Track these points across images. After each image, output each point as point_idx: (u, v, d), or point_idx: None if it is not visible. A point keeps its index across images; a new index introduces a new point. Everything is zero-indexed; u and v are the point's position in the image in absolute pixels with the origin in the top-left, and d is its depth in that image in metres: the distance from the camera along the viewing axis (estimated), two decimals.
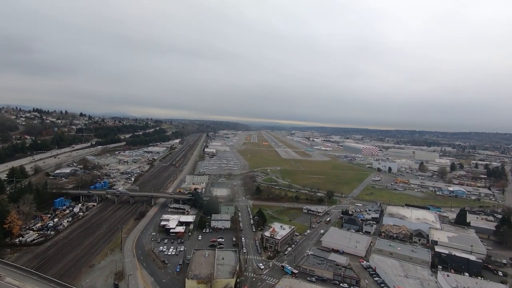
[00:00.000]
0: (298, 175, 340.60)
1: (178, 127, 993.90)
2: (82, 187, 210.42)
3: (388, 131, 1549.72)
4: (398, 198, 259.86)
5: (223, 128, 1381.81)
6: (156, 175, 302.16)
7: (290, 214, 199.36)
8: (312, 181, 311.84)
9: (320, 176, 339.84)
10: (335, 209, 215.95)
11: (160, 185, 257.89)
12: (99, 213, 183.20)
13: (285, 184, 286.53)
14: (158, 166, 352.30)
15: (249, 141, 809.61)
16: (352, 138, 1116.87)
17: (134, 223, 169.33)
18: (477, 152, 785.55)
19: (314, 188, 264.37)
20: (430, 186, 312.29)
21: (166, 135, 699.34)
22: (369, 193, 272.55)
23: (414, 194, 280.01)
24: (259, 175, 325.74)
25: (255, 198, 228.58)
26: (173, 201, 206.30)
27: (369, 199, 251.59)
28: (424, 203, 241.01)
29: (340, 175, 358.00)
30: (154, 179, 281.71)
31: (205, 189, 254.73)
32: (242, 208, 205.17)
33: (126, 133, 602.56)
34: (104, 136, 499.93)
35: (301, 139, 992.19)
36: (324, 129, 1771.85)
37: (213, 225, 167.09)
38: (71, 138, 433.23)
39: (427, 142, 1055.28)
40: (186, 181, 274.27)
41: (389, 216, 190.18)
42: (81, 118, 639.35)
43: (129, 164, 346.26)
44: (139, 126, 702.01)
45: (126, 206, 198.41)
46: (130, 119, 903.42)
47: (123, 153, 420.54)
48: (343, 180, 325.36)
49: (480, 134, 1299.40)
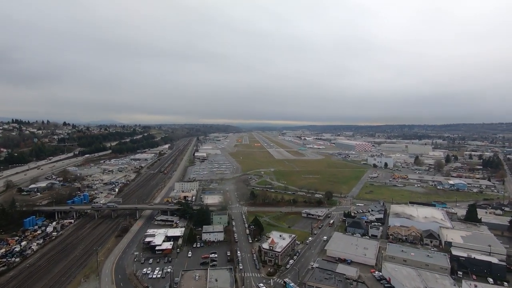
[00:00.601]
0: (293, 176, 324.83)
1: (168, 132, 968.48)
2: (58, 203, 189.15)
3: (377, 126, 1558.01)
4: (399, 195, 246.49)
5: (213, 131, 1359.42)
6: (143, 184, 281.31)
7: (289, 220, 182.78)
8: (308, 181, 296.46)
9: (316, 176, 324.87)
10: (336, 211, 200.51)
11: (147, 195, 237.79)
12: (76, 231, 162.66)
13: (281, 186, 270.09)
14: (146, 174, 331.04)
15: (241, 143, 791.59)
16: (343, 135, 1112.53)
17: (115, 241, 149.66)
18: (467, 143, 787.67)
19: (311, 189, 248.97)
20: (429, 180, 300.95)
21: (154, 141, 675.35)
22: (369, 191, 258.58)
23: (415, 189, 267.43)
24: (252, 178, 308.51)
25: (250, 203, 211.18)
26: (160, 213, 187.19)
27: (370, 198, 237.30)
28: (427, 199, 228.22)
29: (336, 173, 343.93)
30: (141, 189, 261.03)
31: (195, 196, 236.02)
32: (236, 216, 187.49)
33: (113, 141, 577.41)
34: (89, 145, 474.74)
35: (293, 138, 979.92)
36: (315, 128, 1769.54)
37: (205, 238, 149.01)
38: (52, 149, 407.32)
39: (417, 135, 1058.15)
40: (175, 189, 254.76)
41: (395, 216, 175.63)
42: (64, 127, 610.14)
43: (114, 174, 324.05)
44: (127, 133, 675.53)
45: (107, 221, 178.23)
46: (117, 126, 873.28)
47: (108, 162, 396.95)
48: (340, 179, 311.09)
49: (468, 125, 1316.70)
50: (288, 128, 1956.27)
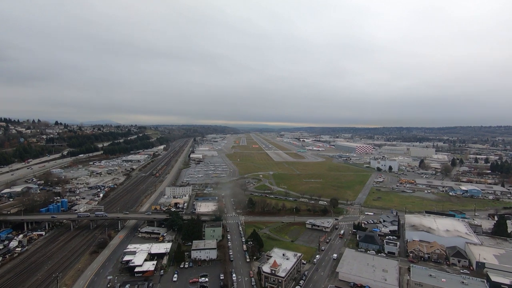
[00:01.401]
0: (293, 180, 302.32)
1: (164, 133, 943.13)
2: (30, 211, 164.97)
3: (375, 128, 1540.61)
4: (410, 202, 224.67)
5: (211, 132, 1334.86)
6: (132, 188, 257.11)
7: (292, 232, 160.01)
8: (310, 186, 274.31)
9: (318, 180, 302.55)
10: (344, 221, 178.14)
11: (134, 201, 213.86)
12: (46, 245, 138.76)
13: (281, 191, 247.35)
14: (136, 177, 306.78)
15: (238, 144, 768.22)
16: (341, 137, 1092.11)
17: (88, 259, 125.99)
18: (467, 146, 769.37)
19: (314, 195, 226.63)
20: (439, 185, 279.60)
21: (150, 142, 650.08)
22: (376, 197, 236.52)
23: (425, 196, 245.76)
24: (250, 182, 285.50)
25: (248, 212, 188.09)
26: (146, 223, 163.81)
27: (379, 205, 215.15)
28: (441, 208, 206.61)
29: (339, 177, 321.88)
30: (128, 194, 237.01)
31: (188, 203, 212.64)
32: (232, 227, 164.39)
33: (106, 141, 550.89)
34: (79, 146, 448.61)
35: (291, 140, 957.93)
36: (313, 129, 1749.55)
37: (194, 256, 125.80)
38: (39, 149, 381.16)
39: (416, 138, 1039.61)
40: (166, 194, 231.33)
41: (412, 229, 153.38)
42: (55, 127, 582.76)
43: (102, 176, 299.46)
44: (121, 133, 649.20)
45: (85, 232, 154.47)
46: (112, 126, 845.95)
47: (98, 164, 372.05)
48: (344, 183, 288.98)
49: (466, 128, 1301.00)
50: (285, 129, 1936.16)
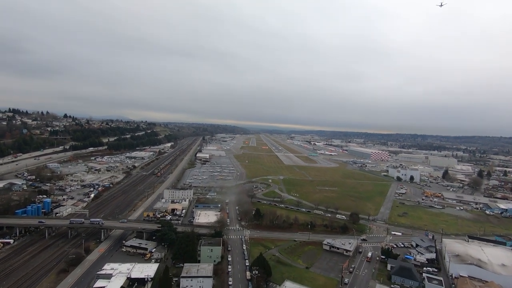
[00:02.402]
0: (305, 187, 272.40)
1: (173, 130, 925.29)
2: (2, 212, 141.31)
3: (388, 134, 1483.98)
4: (442, 221, 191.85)
5: (220, 132, 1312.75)
6: (128, 188, 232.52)
7: (306, 254, 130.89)
8: (325, 195, 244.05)
9: (332, 188, 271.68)
10: (368, 242, 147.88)
11: (127, 205, 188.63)
12: (9, 258, 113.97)
13: (292, 200, 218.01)
14: (136, 176, 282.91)
15: (248, 145, 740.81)
16: (353, 142, 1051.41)
17: (54, 281, 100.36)
18: (489, 157, 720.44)
19: (330, 207, 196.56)
20: (471, 201, 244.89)
21: (157, 139, 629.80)
22: (402, 213, 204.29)
23: (458, 214, 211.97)
24: (258, 187, 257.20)
25: (254, 225, 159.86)
26: (135, 234, 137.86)
27: (406, 223, 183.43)
28: (482, 230, 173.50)
29: (355, 186, 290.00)
30: (123, 195, 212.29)
31: (187, 209, 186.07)
32: (234, 244, 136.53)
33: (113, 136, 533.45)
34: (84, 139, 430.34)
35: (302, 143, 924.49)
36: (324, 133, 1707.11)
37: (184, 286, 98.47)
38: (41, 142, 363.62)
39: (432, 146, 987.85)
40: (164, 198, 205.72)
41: (457, 260, 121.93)
42: (64, 119, 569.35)
43: (100, 174, 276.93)
44: (128, 129, 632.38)
45: (61, 242, 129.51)
46: (122, 121, 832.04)
47: (99, 159, 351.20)
48: (362, 194, 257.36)
49: (484, 138, 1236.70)
50: (296, 132, 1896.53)
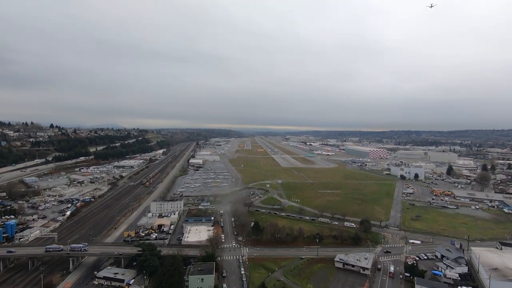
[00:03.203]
0: (306, 191, 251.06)
1: (166, 137, 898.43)
2: None
3: (383, 132, 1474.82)
4: (460, 223, 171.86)
5: (215, 136, 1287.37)
6: (111, 202, 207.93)
7: (316, 276, 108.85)
8: (328, 199, 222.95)
9: (335, 191, 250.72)
10: (385, 255, 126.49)
11: (108, 222, 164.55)
12: None
13: (294, 208, 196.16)
14: (122, 187, 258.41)
15: (243, 148, 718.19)
16: (349, 141, 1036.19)
17: None
18: (485, 150, 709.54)
19: (336, 213, 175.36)
20: (484, 198, 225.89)
21: (149, 146, 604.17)
22: (415, 216, 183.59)
23: (475, 214, 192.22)
24: (255, 194, 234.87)
25: (253, 241, 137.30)
26: (112, 260, 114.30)
27: (422, 228, 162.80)
28: (507, 231, 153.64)
29: (359, 187, 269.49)
30: (105, 210, 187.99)
31: (176, 224, 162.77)
32: (230, 267, 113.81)
33: (102, 145, 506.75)
34: (69, 150, 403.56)
35: (297, 143, 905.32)
36: (319, 133, 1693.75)
37: None
38: (21, 154, 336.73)
39: (428, 141, 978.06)
40: (151, 211, 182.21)
41: (497, 275, 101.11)
42: (49, 130, 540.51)
43: (83, 186, 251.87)
44: (118, 137, 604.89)
45: (18, 277, 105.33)
46: (113, 129, 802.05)
47: (84, 170, 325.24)
48: (368, 196, 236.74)
49: (477, 132, 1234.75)
50: (291, 133, 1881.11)
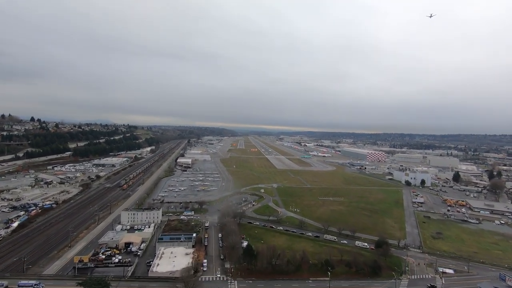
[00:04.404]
0: (305, 197, 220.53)
1: (157, 134, 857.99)
2: None
3: (376, 134, 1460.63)
4: (490, 243, 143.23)
5: (208, 134, 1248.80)
6: (76, 209, 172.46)
7: None
8: (331, 208, 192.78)
9: (338, 199, 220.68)
10: None
11: (63, 238, 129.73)
12: None
13: (293, 220, 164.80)
14: (96, 189, 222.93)
15: (236, 148, 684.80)
16: (343, 142, 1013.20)
17: None
18: (482, 155, 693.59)
19: (344, 228, 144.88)
20: (505, 211, 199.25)
21: (136, 143, 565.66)
22: (435, 233, 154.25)
23: (503, 231, 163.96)
24: (248, 201, 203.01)
25: (245, 270, 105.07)
26: None
27: (449, 250, 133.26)
28: None
29: (363, 194, 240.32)
30: (66, 220, 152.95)
31: (148, 242, 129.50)
32: None
33: (85, 141, 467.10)
34: (45, 145, 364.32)
35: (292, 144, 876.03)
36: (313, 134, 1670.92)
37: None
38: None
39: (422, 145, 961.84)
40: (122, 223, 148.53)
41: None
42: (29, 123, 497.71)
43: (49, 188, 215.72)
44: (104, 132, 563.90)
45: None
46: (100, 124, 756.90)
47: (58, 168, 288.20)
48: (375, 204, 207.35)
49: (469, 136, 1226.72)
50: (284, 133, 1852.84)
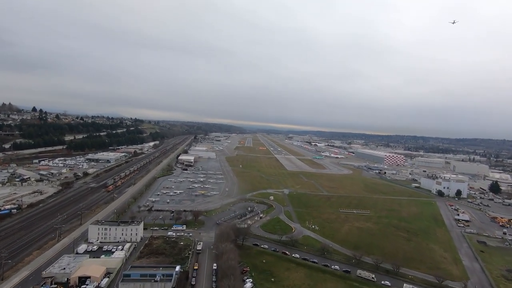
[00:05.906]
0: (323, 208, 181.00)
1: (163, 128, 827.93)
2: None
3: (388, 136, 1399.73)
4: None
5: (216, 130, 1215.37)
6: (40, 217, 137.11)
7: None
8: (357, 226, 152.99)
9: (363, 212, 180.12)
10: None
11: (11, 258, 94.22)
12: None
13: (312, 241, 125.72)
14: (78, 190, 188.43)
15: (243, 145, 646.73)
16: (354, 143, 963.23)
17: None
18: (505, 161, 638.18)
19: (383, 259, 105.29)
20: None
21: (140, 137, 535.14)
22: (505, 270, 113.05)
23: None
24: (255, 211, 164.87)
25: None
26: None
27: None
28: None
29: (391, 206, 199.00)
30: (20, 232, 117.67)
31: (115, 275, 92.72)
32: None
33: (85, 133, 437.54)
34: (38, 137, 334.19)
35: (301, 143, 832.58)
36: (322, 134, 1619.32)
37: None
38: None
39: (438, 148, 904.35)
40: (89, 239, 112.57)
41: None
42: (28, 113, 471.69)
43: (23, 186, 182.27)
44: (106, 125, 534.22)
45: None
46: (103, 117, 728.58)
47: (45, 163, 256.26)
48: (410, 222, 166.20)
49: (487, 141, 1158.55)
50: (293, 132, 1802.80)
